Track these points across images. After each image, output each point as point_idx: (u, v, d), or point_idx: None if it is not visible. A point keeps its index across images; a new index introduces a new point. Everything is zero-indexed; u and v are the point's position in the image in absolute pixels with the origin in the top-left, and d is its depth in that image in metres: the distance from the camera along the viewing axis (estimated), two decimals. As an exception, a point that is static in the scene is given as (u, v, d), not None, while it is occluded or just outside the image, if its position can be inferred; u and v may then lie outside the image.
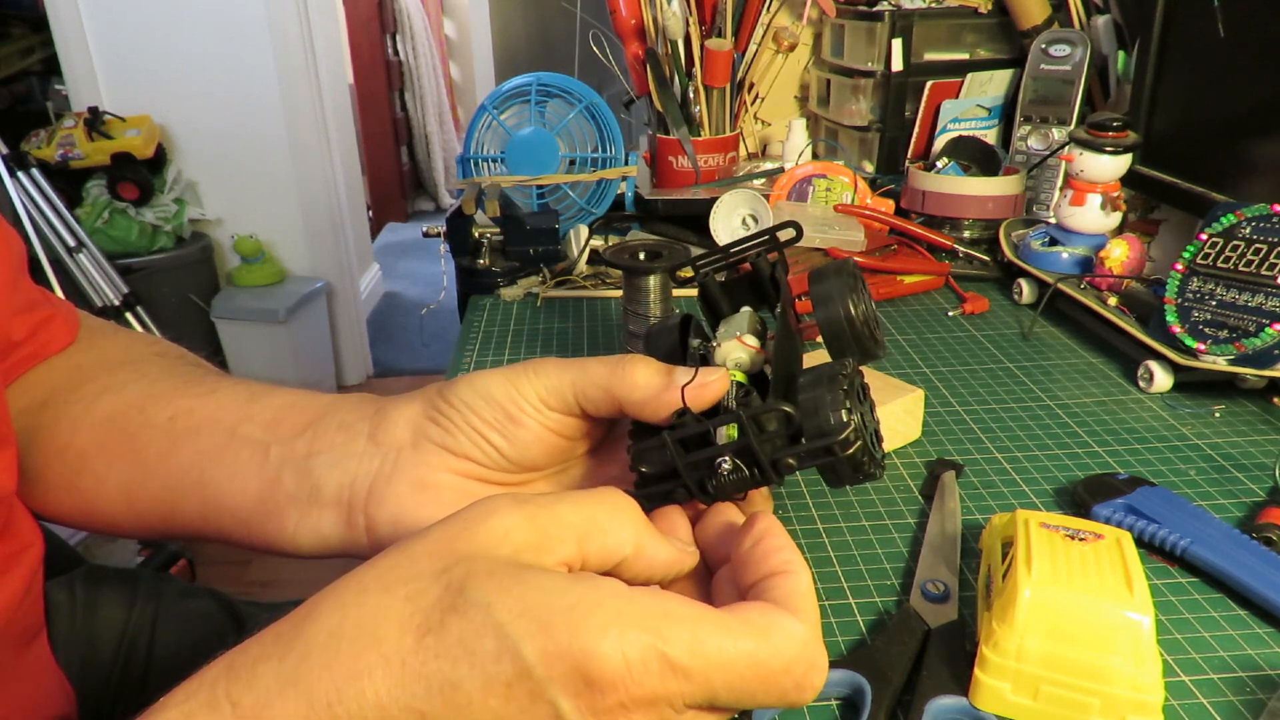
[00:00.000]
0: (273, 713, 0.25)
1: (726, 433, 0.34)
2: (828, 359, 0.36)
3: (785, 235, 0.40)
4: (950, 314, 0.86)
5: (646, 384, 0.35)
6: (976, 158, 1.03)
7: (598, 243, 0.96)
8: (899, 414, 0.62)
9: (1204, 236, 0.69)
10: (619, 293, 0.82)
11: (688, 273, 0.88)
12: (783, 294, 0.39)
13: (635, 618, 0.26)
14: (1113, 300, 0.77)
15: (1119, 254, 0.79)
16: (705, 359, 0.38)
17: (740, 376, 0.37)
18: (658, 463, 0.34)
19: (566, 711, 0.25)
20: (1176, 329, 0.68)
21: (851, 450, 0.32)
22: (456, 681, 0.25)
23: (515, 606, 0.26)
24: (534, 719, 0.26)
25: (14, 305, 0.45)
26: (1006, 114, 1.17)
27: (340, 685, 0.25)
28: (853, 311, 0.36)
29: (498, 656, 0.25)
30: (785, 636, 0.27)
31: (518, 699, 0.25)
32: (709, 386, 0.34)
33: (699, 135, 1.05)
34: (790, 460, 0.33)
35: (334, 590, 0.28)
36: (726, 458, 0.33)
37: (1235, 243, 0.67)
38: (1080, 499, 0.54)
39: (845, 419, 0.32)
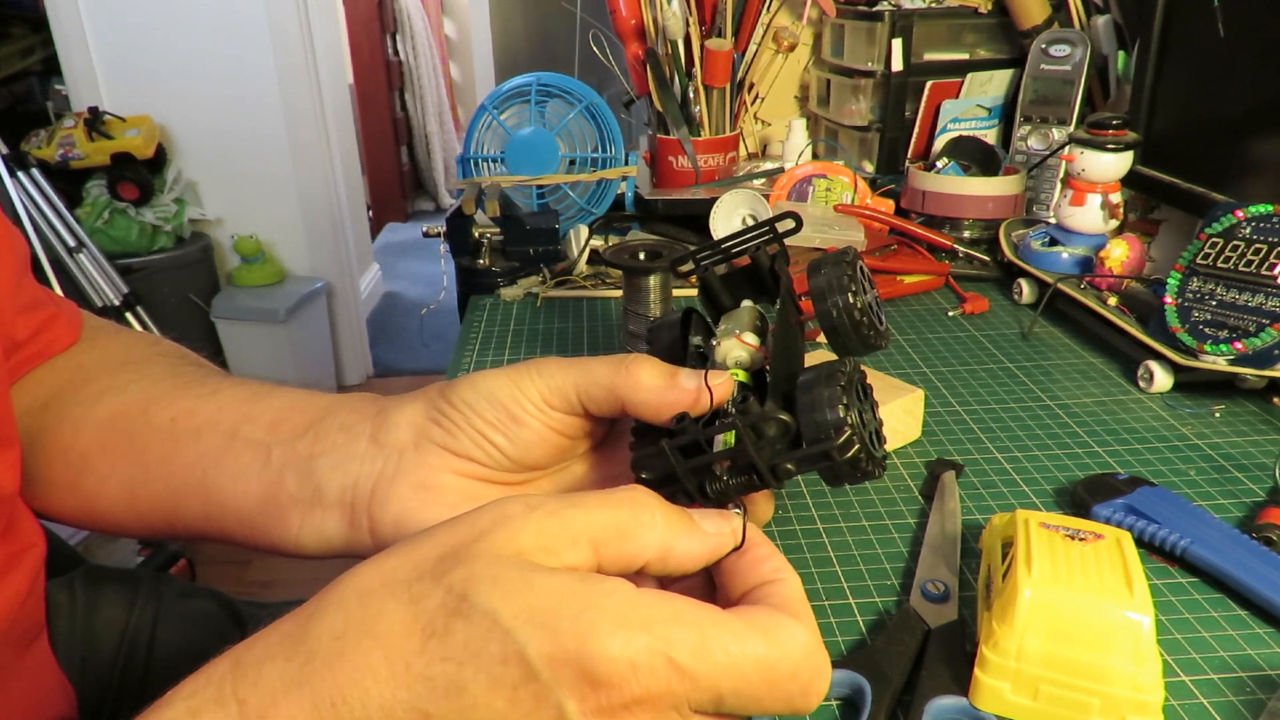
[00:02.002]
0: (278, 712, 0.25)
1: (725, 439, 0.34)
2: (831, 356, 0.36)
3: (784, 226, 0.39)
4: (950, 314, 0.86)
5: (651, 384, 0.35)
6: (976, 158, 1.03)
7: (598, 243, 0.96)
8: (899, 414, 0.62)
9: (1204, 236, 0.69)
10: (619, 293, 0.82)
11: (689, 268, 0.88)
12: (783, 287, 0.38)
13: (640, 621, 0.26)
14: (1113, 300, 0.77)
15: (1119, 254, 0.79)
16: (705, 358, 0.38)
17: (742, 375, 0.37)
18: (658, 469, 0.34)
19: (572, 713, 0.25)
20: (1176, 329, 0.68)
21: (850, 453, 0.32)
22: (462, 684, 0.25)
23: (521, 611, 0.26)
24: None
25: (18, 305, 0.45)
26: (1006, 114, 1.17)
27: (344, 686, 0.25)
28: (851, 301, 0.35)
29: (504, 659, 0.25)
30: (791, 640, 0.27)
31: (523, 702, 0.25)
32: (713, 390, 0.34)
33: (699, 135, 1.05)
34: (789, 465, 0.33)
35: (336, 589, 0.28)
36: (726, 463, 0.33)
37: (1235, 243, 0.67)
38: (1080, 499, 0.54)
39: (843, 417, 0.32)
